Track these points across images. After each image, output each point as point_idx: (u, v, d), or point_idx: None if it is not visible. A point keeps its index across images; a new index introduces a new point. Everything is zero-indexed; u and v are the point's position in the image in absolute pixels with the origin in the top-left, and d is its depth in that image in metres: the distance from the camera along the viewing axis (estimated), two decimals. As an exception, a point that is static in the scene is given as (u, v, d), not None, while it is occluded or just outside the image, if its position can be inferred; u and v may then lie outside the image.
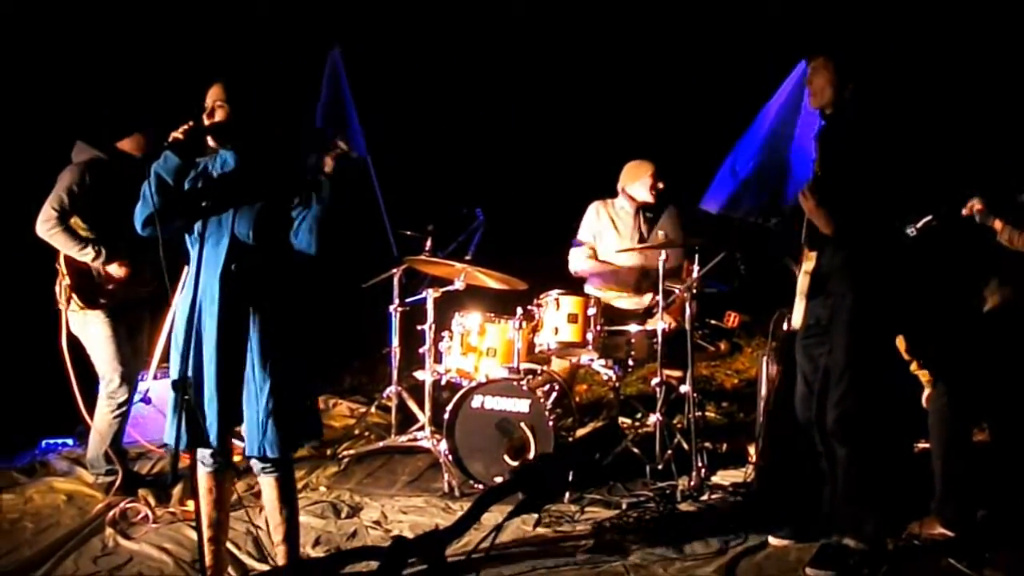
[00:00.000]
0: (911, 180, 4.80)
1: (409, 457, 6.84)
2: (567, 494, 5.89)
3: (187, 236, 4.49)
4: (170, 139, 4.27)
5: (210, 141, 4.42)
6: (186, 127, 4.31)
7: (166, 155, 4.30)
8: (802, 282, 4.99)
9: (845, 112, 4.84)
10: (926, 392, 5.31)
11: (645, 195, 7.06)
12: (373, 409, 7.54)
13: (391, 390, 7.13)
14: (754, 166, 6.57)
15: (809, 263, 4.94)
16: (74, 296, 5.86)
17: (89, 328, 5.93)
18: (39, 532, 5.63)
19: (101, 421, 6.03)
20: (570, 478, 5.84)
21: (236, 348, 4.39)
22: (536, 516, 5.54)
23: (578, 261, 7.23)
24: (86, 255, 5.78)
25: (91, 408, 6.12)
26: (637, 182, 7.08)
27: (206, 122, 4.40)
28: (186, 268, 4.79)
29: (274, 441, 4.39)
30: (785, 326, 5.66)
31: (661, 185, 7.04)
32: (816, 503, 5.11)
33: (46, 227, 5.76)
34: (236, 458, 4.78)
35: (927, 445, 5.41)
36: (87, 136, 5.98)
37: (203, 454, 4.48)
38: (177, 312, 4.51)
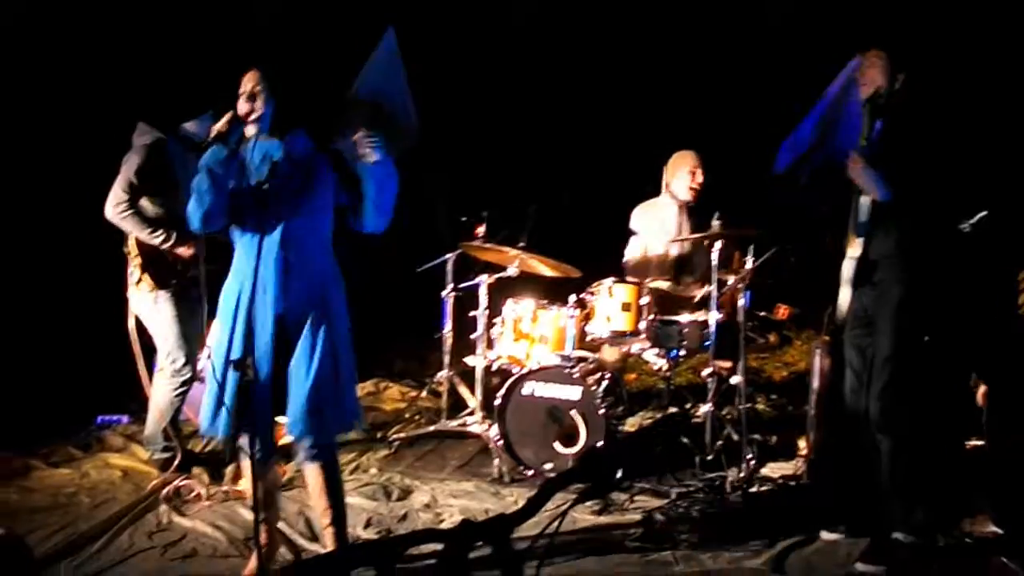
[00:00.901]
0: (961, 167, 4.77)
1: (459, 442, 6.89)
2: (621, 483, 5.89)
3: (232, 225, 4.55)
4: (214, 133, 4.33)
5: (249, 130, 4.46)
6: (228, 118, 4.38)
7: (213, 148, 4.36)
8: (847, 268, 4.96)
9: (895, 98, 4.83)
10: (981, 389, 5.28)
11: (685, 194, 7.04)
12: (424, 393, 7.60)
13: (443, 375, 7.16)
14: (811, 140, 6.55)
15: (854, 249, 4.91)
16: (145, 277, 5.94)
17: (158, 308, 5.99)
18: (95, 507, 5.72)
19: (162, 399, 6.10)
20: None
21: (290, 335, 4.46)
22: (599, 504, 5.58)
23: (631, 252, 7.27)
24: (156, 238, 5.84)
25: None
26: (676, 178, 7.07)
27: (243, 109, 4.45)
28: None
29: (320, 426, 4.48)
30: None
31: (700, 181, 7.01)
32: (866, 497, 5.10)
33: (117, 211, 5.82)
34: (287, 439, 4.83)
35: (979, 442, 5.38)
36: (148, 117, 6.04)
37: (245, 442, 4.50)
38: (225, 296, 4.53)
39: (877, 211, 4.78)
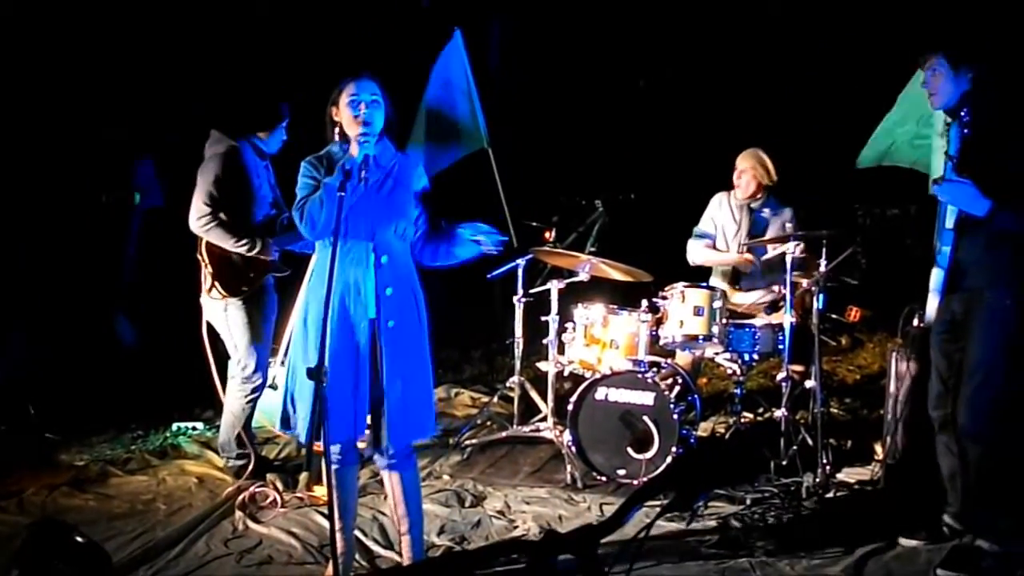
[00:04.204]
0: None
1: (531, 447, 6.86)
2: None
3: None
4: (347, 166, 4.26)
5: (358, 143, 4.40)
6: (363, 135, 4.34)
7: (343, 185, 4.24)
8: (935, 276, 4.89)
9: (976, 97, 4.73)
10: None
11: (742, 192, 7.06)
12: (495, 399, 7.58)
13: (514, 380, 7.13)
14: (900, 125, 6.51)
15: (942, 257, 4.82)
16: (216, 284, 5.97)
17: (229, 315, 6.03)
18: (171, 513, 5.79)
19: (234, 406, 6.15)
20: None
21: (382, 341, 4.46)
22: (688, 515, 5.54)
23: (695, 252, 7.22)
24: (243, 247, 5.88)
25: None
26: (738, 178, 7.06)
27: (359, 118, 4.42)
28: (313, 257, 4.84)
29: (408, 430, 4.52)
30: (916, 321, 5.57)
31: (745, 179, 6.99)
32: (947, 503, 5.02)
33: (201, 223, 5.86)
34: (360, 445, 4.84)
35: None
36: (222, 126, 6.09)
37: (335, 447, 4.52)
38: (310, 303, 4.52)
39: (963, 217, 4.69)
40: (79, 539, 4.08)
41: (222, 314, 6.05)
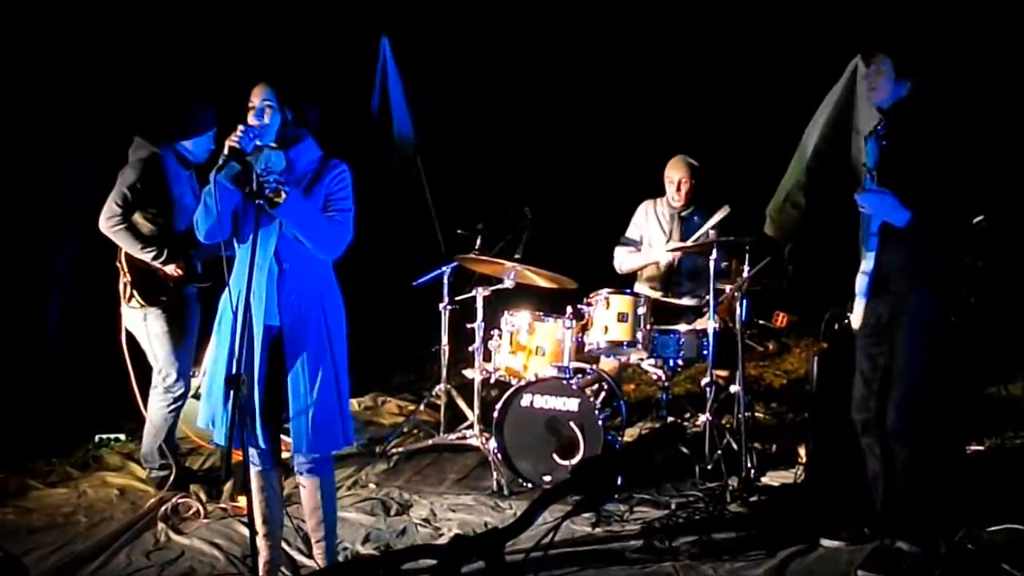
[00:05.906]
0: (971, 175, 4.72)
1: (458, 455, 6.85)
2: (616, 494, 5.87)
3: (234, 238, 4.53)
4: (228, 148, 4.21)
5: (258, 141, 4.38)
6: (239, 132, 4.28)
7: (230, 164, 4.22)
8: (860, 282, 4.94)
9: (906, 108, 4.79)
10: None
11: (673, 199, 7.09)
12: (422, 407, 7.55)
13: (440, 388, 7.14)
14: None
15: (867, 262, 4.89)
16: (134, 293, 5.91)
17: (148, 324, 5.96)
18: (92, 526, 5.69)
19: (156, 416, 6.07)
20: (619, 481, 5.85)
21: (285, 348, 4.45)
22: (594, 516, 5.56)
23: (621, 258, 7.25)
24: (147, 254, 5.81)
25: (146, 403, 6.17)
26: (666, 184, 7.10)
27: (254, 123, 4.39)
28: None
29: (317, 439, 4.46)
30: (836, 326, 5.62)
31: (684, 189, 7.03)
32: (869, 505, 5.07)
33: (109, 224, 5.80)
34: (285, 455, 4.80)
35: (980, 447, 5.35)
36: (145, 132, 6.02)
37: (252, 453, 4.53)
38: (222, 308, 4.52)
39: (886, 224, 4.74)
40: (-4, 553, 4.03)
41: (141, 323, 5.98)
